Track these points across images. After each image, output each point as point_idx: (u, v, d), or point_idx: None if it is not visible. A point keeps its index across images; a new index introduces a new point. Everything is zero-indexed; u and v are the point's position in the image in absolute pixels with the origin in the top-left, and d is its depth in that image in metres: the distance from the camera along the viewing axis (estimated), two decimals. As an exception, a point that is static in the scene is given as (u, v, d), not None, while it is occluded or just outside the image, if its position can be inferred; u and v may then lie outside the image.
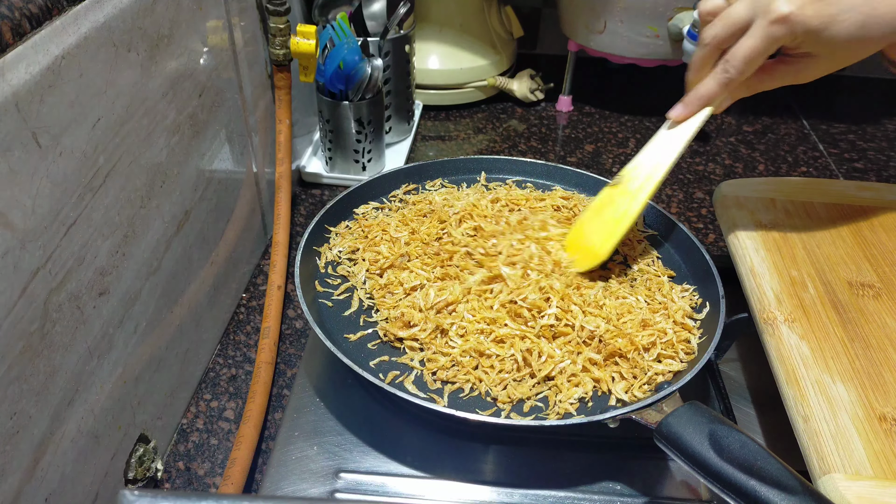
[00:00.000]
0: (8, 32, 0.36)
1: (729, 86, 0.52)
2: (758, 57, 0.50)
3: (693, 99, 0.55)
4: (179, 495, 0.34)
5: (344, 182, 0.89)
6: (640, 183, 0.57)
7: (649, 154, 0.58)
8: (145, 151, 0.51)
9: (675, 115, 0.56)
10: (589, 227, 0.59)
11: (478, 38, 1.06)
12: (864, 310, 0.52)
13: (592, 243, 0.58)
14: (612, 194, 0.59)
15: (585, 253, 0.58)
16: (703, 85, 0.54)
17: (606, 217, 0.58)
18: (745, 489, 0.40)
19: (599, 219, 0.59)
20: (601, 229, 0.58)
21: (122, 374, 0.50)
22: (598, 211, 0.60)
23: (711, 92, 0.53)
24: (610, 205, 0.59)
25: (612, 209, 0.58)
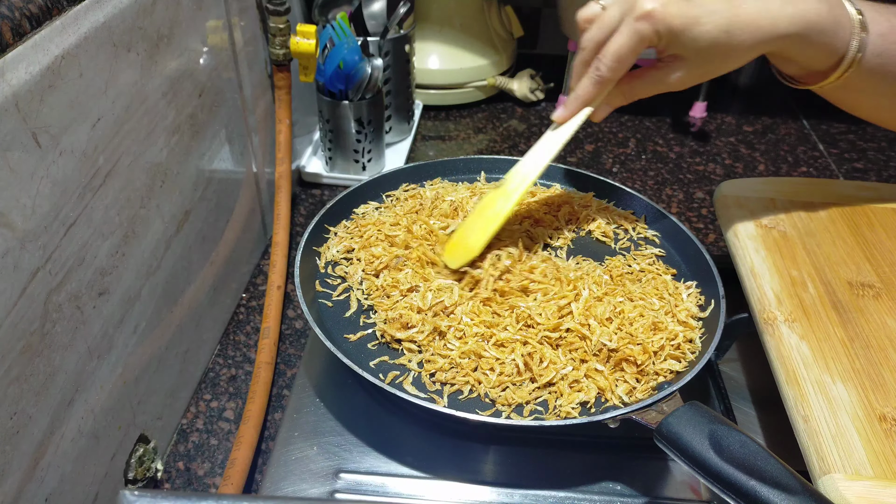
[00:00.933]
0: (8, 32, 0.36)
1: (602, 84, 0.53)
2: (626, 54, 0.51)
3: (571, 100, 0.56)
4: (179, 495, 0.34)
5: (344, 182, 0.89)
6: (515, 184, 0.59)
7: (529, 157, 0.60)
8: (145, 151, 0.51)
9: (556, 117, 0.57)
10: (471, 225, 0.60)
11: (478, 37, 1.06)
12: (864, 310, 0.52)
13: (469, 240, 0.59)
14: (495, 195, 0.60)
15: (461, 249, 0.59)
16: (580, 85, 0.55)
17: (485, 216, 0.59)
18: (745, 489, 0.40)
19: (481, 218, 0.60)
20: (479, 227, 0.59)
21: (122, 374, 0.50)
22: (481, 211, 0.61)
23: (587, 92, 0.54)
24: (491, 205, 0.60)
25: (491, 209, 0.59)
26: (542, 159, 0.59)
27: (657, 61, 0.55)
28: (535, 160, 0.59)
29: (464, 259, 0.58)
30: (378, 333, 0.55)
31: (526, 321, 0.53)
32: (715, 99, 1.10)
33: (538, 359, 0.51)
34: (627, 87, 0.56)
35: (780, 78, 0.59)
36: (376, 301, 0.57)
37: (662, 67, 0.54)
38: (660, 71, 0.55)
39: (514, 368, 0.51)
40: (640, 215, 0.68)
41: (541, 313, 0.53)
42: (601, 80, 0.53)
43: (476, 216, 0.61)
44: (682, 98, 1.11)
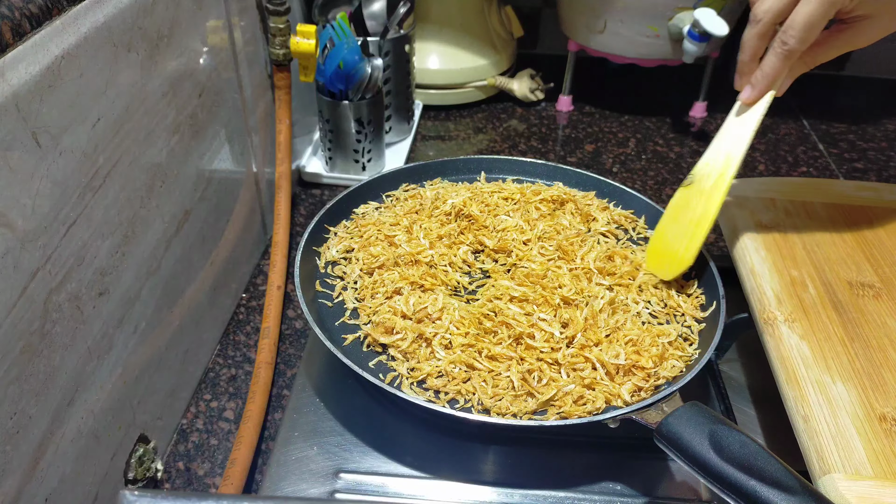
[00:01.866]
0: (8, 32, 0.36)
1: (791, 58, 0.50)
2: (817, 22, 0.48)
3: (759, 78, 0.52)
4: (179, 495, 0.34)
5: (344, 182, 0.89)
6: (713, 180, 0.56)
7: (718, 148, 0.57)
8: (145, 151, 0.51)
9: (745, 98, 0.54)
10: (669, 233, 0.59)
11: (478, 37, 1.06)
12: (865, 310, 0.52)
13: (675, 249, 0.57)
14: (687, 196, 0.58)
15: (669, 260, 0.58)
16: (765, 62, 0.51)
17: (685, 221, 0.57)
18: (745, 489, 0.40)
19: (678, 224, 0.58)
20: (682, 234, 0.57)
21: (122, 374, 0.50)
22: (674, 216, 0.59)
23: (775, 68, 0.51)
24: (686, 208, 0.58)
25: (690, 212, 0.57)
26: (736, 149, 0.55)
27: (839, 23, 0.52)
28: (728, 151, 0.56)
29: (676, 270, 0.57)
30: (362, 336, 0.55)
31: (518, 339, 0.52)
32: (715, 99, 1.10)
33: (537, 377, 0.50)
34: (810, 55, 0.52)
35: None
36: (360, 304, 0.57)
37: (848, 29, 0.51)
38: (846, 33, 0.51)
39: (509, 383, 0.49)
40: (640, 215, 0.68)
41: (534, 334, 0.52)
42: (790, 53, 0.50)
43: (670, 222, 0.59)
44: (682, 98, 1.11)
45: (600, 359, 0.50)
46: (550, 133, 1.04)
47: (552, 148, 1.01)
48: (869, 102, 1.15)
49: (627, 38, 0.96)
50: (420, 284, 0.57)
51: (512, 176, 0.73)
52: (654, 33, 0.94)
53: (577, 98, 1.12)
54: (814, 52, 0.52)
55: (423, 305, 0.54)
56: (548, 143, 1.02)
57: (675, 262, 0.58)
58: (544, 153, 0.99)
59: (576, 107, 1.11)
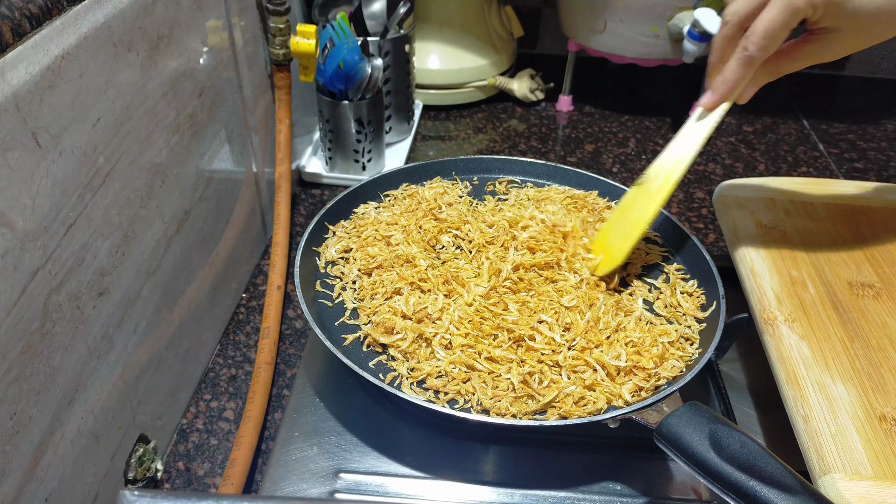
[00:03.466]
0: (8, 32, 0.36)
1: (751, 65, 0.49)
2: (778, 30, 0.47)
3: (720, 84, 0.52)
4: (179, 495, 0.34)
5: (344, 182, 0.89)
6: (658, 183, 0.56)
7: (671, 151, 0.57)
8: (145, 151, 0.51)
9: (704, 103, 0.54)
10: (613, 229, 0.59)
11: (478, 37, 1.06)
12: (865, 310, 0.52)
13: (613, 246, 0.57)
14: (636, 195, 0.58)
15: (606, 255, 0.58)
16: (727, 68, 0.51)
17: (627, 219, 0.58)
18: (745, 489, 0.40)
19: (622, 222, 0.58)
20: (621, 232, 0.57)
21: (122, 374, 0.50)
22: (622, 213, 0.59)
23: (736, 74, 0.50)
24: (633, 206, 0.58)
25: (633, 211, 0.57)
26: (686, 153, 0.55)
27: (807, 33, 0.51)
28: (679, 154, 0.56)
29: (607, 267, 0.57)
30: (362, 336, 0.55)
31: (518, 341, 0.52)
32: (715, 99, 1.10)
33: (538, 379, 0.49)
34: (774, 65, 0.52)
35: None
36: (359, 304, 0.57)
37: (814, 41, 0.50)
38: (811, 45, 0.50)
39: (509, 385, 0.49)
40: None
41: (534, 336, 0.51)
42: (750, 60, 0.49)
43: (617, 219, 0.59)
44: (681, 98, 1.11)
45: (601, 360, 0.50)
46: (550, 133, 1.04)
47: (552, 148, 1.01)
48: (869, 102, 1.15)
49: (627, 38, 0.96)
50: (419, 286, 0.56)
51: (512, 176, 0.73)
52: (654, 33, 0.94)
53: (577, 98, 1.12)
54: (778, 61, 0.51)
55: (422, 306, 0.54)
56: (548, 143, 1.02)
57: (608, 259, 0.57)
58: (544, 153, 0.99)
59: (576, 107, 1.11)
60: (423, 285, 0.56)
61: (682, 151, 0.56)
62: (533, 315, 0.53)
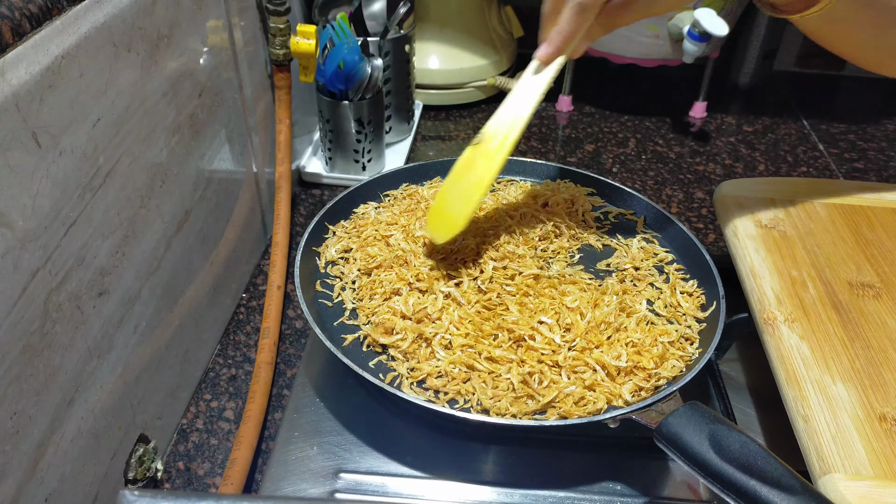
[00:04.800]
0: (8, 32, 0.36)
1: (585, 14, 0.49)
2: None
3: (555, 35, 0.51)
4: (179, 495, 0.34)
5: (344, 182, 0.89)
6: (497, 142, 0.53)
7: (507, 109, 0.54)
8: (145, 151, 0.51)
9: (540, 55, 0.53)
10: (450, 193, 0.55)
11: (478, 38, 1.06)
12: (865, 310, 0.52)
13: (452, 211, 0.54)
14: (473, 156, 0.55)
15: (445, 222, 0.54)
16: (561, 18, 0.50)
17: (466, 182, 0.54)
18: (745, 489, 0.40)
19: (459, 185, 0.55)
20: (460, 196, 0.54)
21: (122, 374, 0.50)
22: (458, 176, 0.55)
23: (571, 24, 0.50)
24: (470, 169, 0.54)
25: (472, 173, 0.54)
26: (523, 110, 0.53)
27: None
28: (516, 112, 0.54)
29: (448, 233, 0.54)
30: (362, 336, 0.55)
31: (518, 341, 0.52)
32: (715, 99, 1.10)
33: (538, 379, 0.49)
34: (607, 18, 0.52)
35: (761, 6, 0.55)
36: (358, 305, 0.57)
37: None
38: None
39: (509, 385, 0.49)
40: (640, 215, 0.68)
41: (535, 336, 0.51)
42: (583, 8, 0.49)
43: (454, 181, 0.56)
44: (682, 98, 1.11)
45: (601, 361, 0.50)
46: (550, 133, 1.04)
47: (552, 148, 1.01)
48: (869, 102, 1.15)
49: (627, 38, 0.96)
50: (417, 287, 0.56)
51: (512, 176, 0.73)
52: (654, 33, 0.94)
53: (577, 98, 1.12)
54: (612, 14, 0.51)
55: (422, 306, 0.54)
56: (548, 143, 1.02)
57: (449, 225, 0.54)
58: (544, 153, 0.99)
59: (576, 107, 1.11)
60: (419, 285, 0.56)
61: (519, 109, 0.53)
62: (533, 315, 0.53)
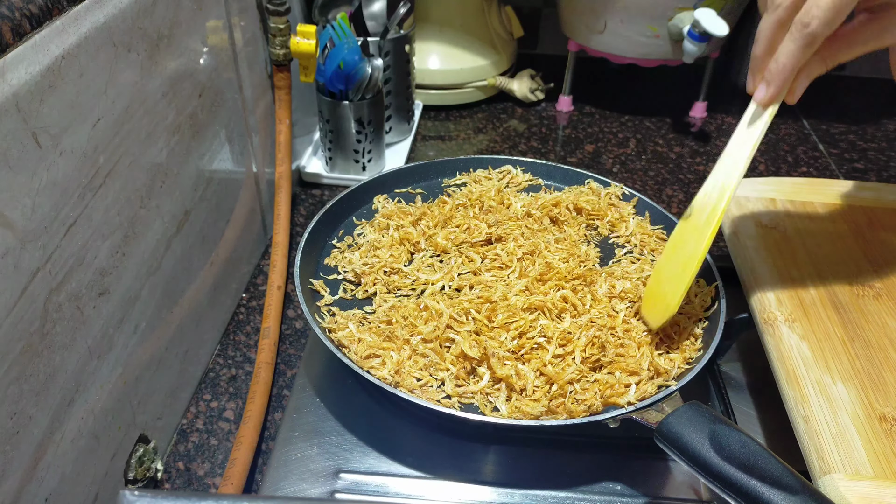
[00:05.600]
0: (8, 32, 0.36)
1: (812, 44, 0.43)
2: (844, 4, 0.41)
3: (774, 72, 0.45)
4: (179, 495, 0.34)
5: (344, 182, 0.89)
6: (706, 214, 0.49)
7: (717, 173, 0.50)
8: (145, 151, 0.51)
9: (759, 98, 0.48)
10: (664, 272, 0.52)
11: (478, 38, 1.06)
12: (865, 310, 0.52)
13: (665, 292, 0.51)
14: (683, 231, 0.52)
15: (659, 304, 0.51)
16: (781, 51, 0.44)
17: (678, 259, 0.51)
18: (745, 489, 0.40)
19: (672, 262, 0.51)
20: (673, 275, 0.51)
21: (122, 374, 0.50)
22: (671, 253, 0.52)
23: (794, 57, 0.44)
24: (682, 243, 0.51)
25: (683, 249, 0.51)
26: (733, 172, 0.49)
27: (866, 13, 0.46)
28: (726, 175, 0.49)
29: (662, 316, 0.51)
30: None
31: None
32: (715, 99, 1.10)
33: None
34: (828, 52, 0.46)
35: None
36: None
37: (875, 21, 0.45)
38: (872, 26, 0.45)
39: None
40: (640, 215, 0.68)
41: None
42: (811, 38, 0.42)
43: (668, 260, 0.52)
44: (682, 98, 1.11)
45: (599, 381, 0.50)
46: (550, 133, 1.04)
47: (552, 148, 1.01)
48: (869, 102, 1.15)
49: (627, 38, 0.96)
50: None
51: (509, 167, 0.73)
52: (654, 33, 0.94)
53: (577, 98, 1.12)
54: (835, 47, 0.46)
55: None
56: (548, 144, 1.02)
57: (663, 307, 0.51)
58: (544, 153, 0.99)
59: (576, 107, 1.11)
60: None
61: (728, 171, 0.50)
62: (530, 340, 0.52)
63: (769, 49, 0.46)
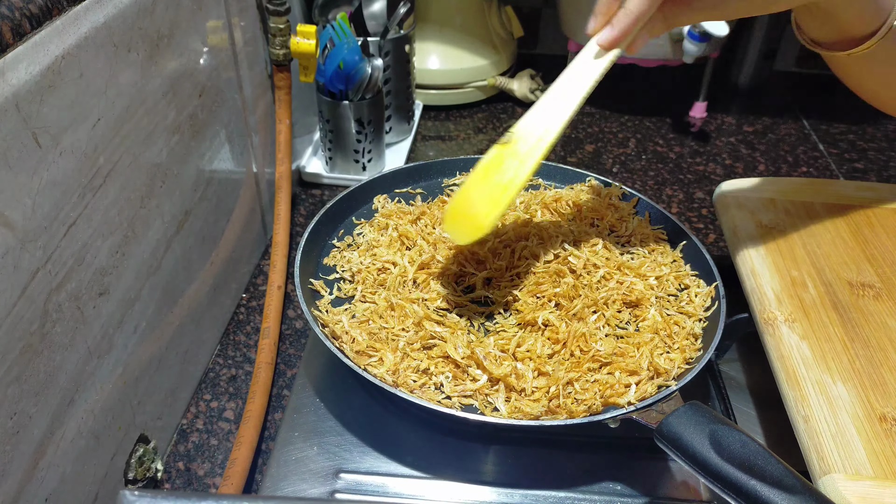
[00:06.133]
0: (8, 32, 0.36)
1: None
2: None
3: (622, 17, 0.47)
4: (179, 495, 0.34)
5: (344, 182, 0.89)
6: (531, 144, 0.50)
7: (544, 107, 0.51)
8: (145, 151, 0.51)
9: (602, 40, 0.49)
10: (474, 193, 0.52)
11: (478, 38, 1.06)
12: (865, 310, 0.52)
13: (477, 212, 0.50)
14: (501, 156, 0.51)
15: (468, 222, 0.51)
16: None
17: (493, 183, 0.51)
18: (745, 489, 0.40)
19: (485, 185, 0.51)
20: (487, 197, 0.51)
21: (122, 374, 0.50)
22: (484, 175, 0.52)
23: (642, 6, 0.46)
24: (498, 167, 0.51)
25: (500, 174, 0.51)
26: (560, 114, 0.50)
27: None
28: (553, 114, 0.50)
29: (471, 235, 0.51)
30: None
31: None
32: (715, 99, 1.10)
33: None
34: (670, 11, 0.49)
35: (804, 41, 0.53)
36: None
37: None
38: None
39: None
40: (640, 215, 0.68)
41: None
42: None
43: (480, 179, 0.52)
44: (682, 98, 1.11)
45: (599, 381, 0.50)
46: (550, 133, 1.04)
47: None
48: (869, 102, 1.15)
49: (627, 38, 0.96)
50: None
51: None
52: (654, 33, 0.94)
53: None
54: (676, 7, 0.48)
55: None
56: (548, 143, 1.02)
57: (473, 226, 0.51)
58: (544, 153, 0.99)
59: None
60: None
61: (558, 106, 0.50)
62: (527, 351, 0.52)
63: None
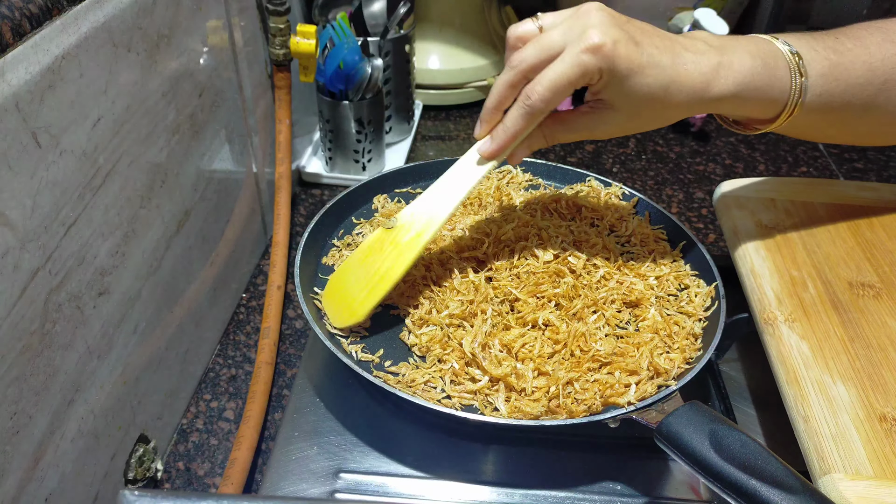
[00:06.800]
0: (8, 32, 0.36)
1: (532, 117, 0.48)
2: (564, 85, 0.45)
3: (500, 132, 0.49)
4: (179, 495, 0.34)
5: (344, 182, 0.89)
6: (411, 237, 0.52)
7: (430, 199, 0.52)
8: (145, 151, 0.51)
9: (483, 150, 0.51)
10: (352, 274, 0.53)
11: (478, 37, 1.06)
12: (865, 310, 0.52)
13: (352, 296, 0.52)
14: (384, 239, 0.53)
15: (344, 307, 0.53)
16: (508, 116, 0.49)
17: (372, 268, 0.52)
18: (745, 489, 0.40)
19: (364, 267, 0.53)
20: (364, 282, 0.52)
21: (122, 374, 0.50)
22: (365, 257, 0.53)
23: (517, 125, 0.48)
24: (378, 252, 0.52)
25: (379, 261, 0.52)
26: (441, 212, 0.51)
27: (586, 104, 0.51)
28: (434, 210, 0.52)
29: (346, 320, 0.52)
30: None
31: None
32: (715, 99, 1.10)
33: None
34: (549, 130, 0.51)
35: (724, 124, 0.55)
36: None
37: (591, 113, 0.50)
38: (588, 116, 0.50)
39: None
40: (640, 215, 0.68)
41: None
42: (531, 112, 0.47)
43: (360, 261, 0.53)
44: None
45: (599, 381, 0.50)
46: (550, 133, 1.04)
47: (552, 148, 1.01)
48: (869, 102, 1.15)
49: (627, 38, 0.96)
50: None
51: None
52: (654, 33, 0.94)
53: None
54: (554, 126, 0.51)
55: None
56: (548, 143, 1.02)
57: (347, 311, 0.52)
58: (544, 153, 0.99)
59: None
60: None
61: (441, 202, 0.52)
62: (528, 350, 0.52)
63: (498, 105, 0.49)
